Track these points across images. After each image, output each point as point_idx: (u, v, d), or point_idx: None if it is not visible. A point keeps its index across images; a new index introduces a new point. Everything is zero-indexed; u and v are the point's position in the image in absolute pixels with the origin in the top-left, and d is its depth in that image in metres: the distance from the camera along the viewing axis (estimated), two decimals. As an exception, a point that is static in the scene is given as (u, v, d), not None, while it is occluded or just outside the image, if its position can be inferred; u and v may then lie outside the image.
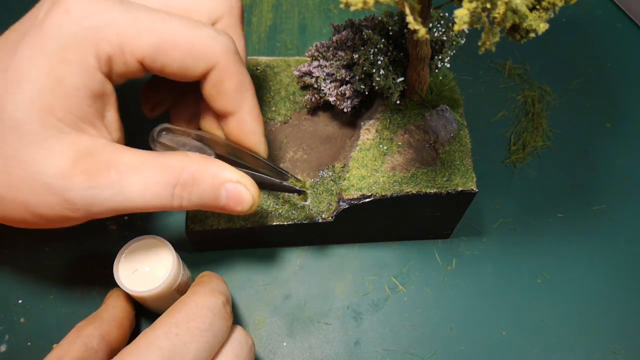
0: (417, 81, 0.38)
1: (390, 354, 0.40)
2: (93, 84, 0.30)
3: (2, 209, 0.30)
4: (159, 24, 0.30)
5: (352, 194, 0.38)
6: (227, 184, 0.33)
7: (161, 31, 0.30)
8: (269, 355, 0.40)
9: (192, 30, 0.31)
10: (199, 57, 0.31)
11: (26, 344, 0.39)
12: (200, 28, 0.31)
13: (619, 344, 0.41)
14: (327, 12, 0.58)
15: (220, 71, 0.32)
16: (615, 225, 0.46)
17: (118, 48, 0.30)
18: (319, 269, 0.43)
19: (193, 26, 0.31)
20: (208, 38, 0.31)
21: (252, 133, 0.35)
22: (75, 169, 0.29)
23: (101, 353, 0.33)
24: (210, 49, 0.31)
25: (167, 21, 0.30)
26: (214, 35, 0.31)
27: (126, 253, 0.37)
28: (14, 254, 0.43)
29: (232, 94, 0.33)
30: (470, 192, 0.38)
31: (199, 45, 0.31)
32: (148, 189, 0.30)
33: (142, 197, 0.30)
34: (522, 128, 0.51)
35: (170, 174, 0.31)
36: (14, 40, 0.30)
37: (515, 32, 0.26)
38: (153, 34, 0.30)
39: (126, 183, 0.30)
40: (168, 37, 0.30)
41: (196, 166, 0.32)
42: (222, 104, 0.34)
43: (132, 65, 0.31)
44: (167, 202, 0.31)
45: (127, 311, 0.37)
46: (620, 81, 0.54)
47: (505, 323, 0.42)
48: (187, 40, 0.31)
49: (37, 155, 0.29)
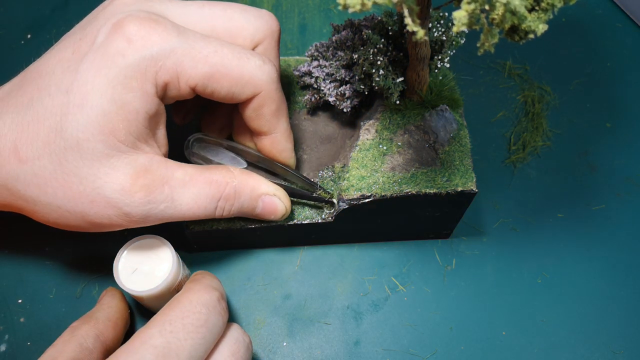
0: (417, 81, 0.38)
1: (390, 354, 0.40)
2: (151, 108, 0.32)
3: (59, 217, 0.33)
4: (213, 55, 0.32)
5: (352, 194, 0.38)
6: (264, 197, 0.37)
7: (214, 62, 0.33)
8: (269, 355, 0.40)
9: (242, 61, 0.33)
10: (246, 86, 0.34)
11: (26, 344, 0.40)
12: (249, 58, 0.34)
13: (619, 344, 0.41)
14: (327, 12, 0.58)
15: (263, 98, 0.35)
16: (615, 225, 0.46)
17: (175, 76, 0.32)
18: (319, 269, 0.43)
19: (242, 56, 0.33)
20: (255, 68, 0.34)
21: (284, 150, 0.38)
22: (135, 186, 0.32)
23: (96, 353, 0.33)
24: (256, 78, 0.34)
25: (220, 51, 0.33)
26: (260, 65, 0.34)
27: (126, 253, 0.37)
28: (14, 254, 0.43)
29: (269, 117, 0.36)
30: (470, 192, 0.38)
31: (247, 75, 0.33)
32: (197, 203, 0.34)
33: (190, 209, 0.34)
34: (522, 128, 0.51)
35: (216, 188, 0.35)
36: (73, 60, 0.32)
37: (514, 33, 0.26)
38: (207, 64, 0.32)
39: (178, 198, 0.34)
40: (220, 67, 0.33)
41: (238, 181, 0.36)
42: (259, 125, 0.37)
43: (184, 90, 0.33)
44: (211, 213, 0.35)
45: (122, 311, 0.37)
46: (620, 81, 0.54)
47: (505, 323, 0.42)
48: (237, 71, 0.33)
49: (99, 172, 0.32)
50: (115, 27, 0.31)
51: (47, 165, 0.32)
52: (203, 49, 0.32)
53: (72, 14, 0.57)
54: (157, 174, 0.33)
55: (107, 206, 0.32)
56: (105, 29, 0.31)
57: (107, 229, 0.34)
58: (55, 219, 0.34)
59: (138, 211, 0.33)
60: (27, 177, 0.32)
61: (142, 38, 0.31)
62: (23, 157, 0.32)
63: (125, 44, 0.31)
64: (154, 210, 0.33)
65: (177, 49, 0.32)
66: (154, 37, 0.31)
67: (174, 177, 0.34)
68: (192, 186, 0.34)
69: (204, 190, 0.34)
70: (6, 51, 0.53)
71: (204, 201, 0.34)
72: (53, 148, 0.31)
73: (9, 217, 0.44)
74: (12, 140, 0.32)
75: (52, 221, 0.34)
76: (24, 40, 0.54)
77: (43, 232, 0.44)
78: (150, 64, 0.31)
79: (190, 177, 0.34)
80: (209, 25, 0.35)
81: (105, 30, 0.31)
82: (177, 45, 0.32)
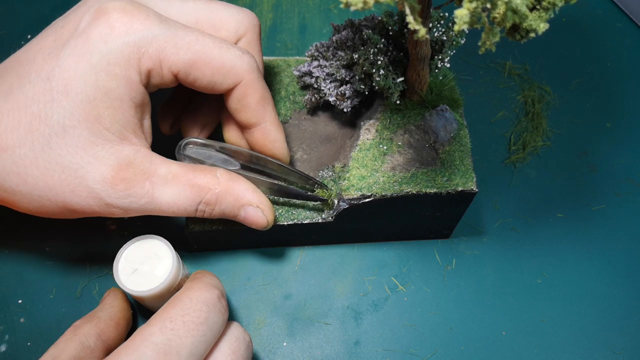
0: (417, 81, 0.38)
1: (390, 354, 0.40)
2: (136, 96, 0.32)
3: (40, 207, 0.33)
4: (194, 42, 0.33)
5: (352, 194, 0.38)
6: (247, 207, 0.36)
7: (196, 49, 0.33)
8: (269, 355, 0.40)
9: (223, 50, 0.34)
10: (227, 74, 0.34)
11: (26, 344, 0.39)
12: (229, 47, 0.34)
13: (619, 344, 0.41)
14: (327, 12, 0.58)
15: (244, 87, 0.35)
16: (615, 225, 0.46)
17: (158, 63, 0.32)
18: (319, 269, 0.43)
19: (223, 45, 0.34)
20: (235, 57, 0.34)
21: (276, 141, 0.38)
22: (117, 178, 0.32)
23: (98, 352, 0.33)
24: (237, 67, 0.34)
25: (201, 40, 0.33)
26: (240, 55, 0.34)
27: (126, 253, 0.37)
28: (14, 254, 0.43)
29: (254, 106, 0.36)
30: (470, 192, 0.38)
31: (228, 63, 0.34)
32: (176, 203, 0.34)
33: (169, 208, 0.34)
34: (522, 128, 0.51)
35: (197, 193, 0.35)
36: (53, 47, 0.32)
37: (515, 32, 0.26)
38: (189, 51, 0.33)
39: (158, 195, 0.34)
40: (202, 55, 0.33)
41: (222, 188, 0.35)
42: (246, 116, 0.37)
43: (167, 77, 0.33)
44: (191, 213, 0.35)
45: (124, 310, 0.37)
46: (620, 81, 0.54)
47: (505, 323, 0.42)
48: (218, 59, 0.34)
49: (82, 160, 0.31)
50: (98, 13, 0.31)
51: (28, 153, 0.31)
52: (185, 36, 0.33)
53: (72, 14, 0.57)
54: (140, 168, 0.33)
55: (89, 196, 0.32)
56: (88, 16, 0.31)
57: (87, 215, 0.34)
58: (36, 208, 0.33)
59: (118, 203, 0.33)
60: (7, 166, 0.32)
61: (124, 24, 0.31)
62: (3, 146, 0.31)
63: (107, 30, 0.31)
64: (134, 204, 0.33)
65: (159, 36, 0.32)
66: (136, 24, 0.31)
67: (156, 173, 0.34)
68: (173, 185, 0.34)
69: (185, 193, 0.34)
70: (6, 51, 0.53)
71: (183, 202, 0.34)
72: (36, 135, 0.31)
73: (9, 217, 0.44)
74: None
75: (32, 210, 0.34)
76: (24, 41, 0.54)
77: (43, 232, 0.44)
78: (133, 51, 0.31)
79: (173, 176, 0.34)
80: (193, 18, 0.36)
81: (88, 17, 0.31)
82: (159, 32, 0.32)
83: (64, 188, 0.32)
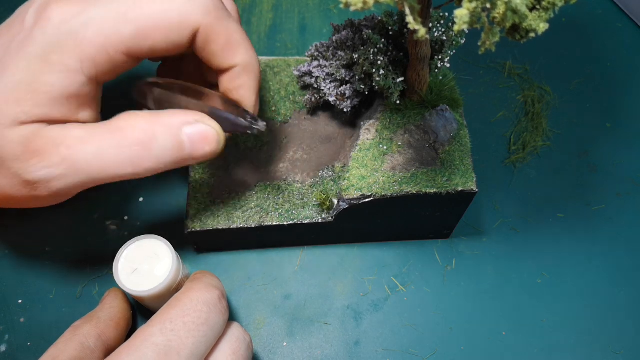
0: (417, 81, 0.38)
1: (390, 354, 0.40)
2: (71, 85, 0.30)
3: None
4: (131, 10, 0.30)
5: (352, 194, 0.38)
6: (185, 127, 0.32)
7: (136, 17, 0.30)
8: (269, 355, 0.40)
9: (165, 4, 0.30)
10: (180, 27, 0.30)
11: (26, 344, 0.39)
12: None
13: (619, 344, 0.41)
14: (327, 12, 0.58)
15: (204, 32, 0.31)
16: (615, 225, 0.46)
17: (101, 47, 0.30)
18: (319, 269, 0.43)
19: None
20: (182, 4, 0.30)
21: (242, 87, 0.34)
22: (27, 153, 0.30)
23: (97, 352, 0.33)
24: (187, 14, 0.30)
25: (139, 4, 0.30)
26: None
27: (126, 253, 0.37)
28: (14, 254, 0.43)
29: (221, 52, 0.32)
30: (470, 192, 0.38)
31: (175, 15, 0.30)
32: (102, 157, 0.30)
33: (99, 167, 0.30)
34: (522, 128, 0.51)
35: (121, 135, 0.30)
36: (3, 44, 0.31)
37: (515, 32, 0.26)
38: (129, 22, 0.30)
39: (79, 157, 0.30)
40: (144, 20, 0.30)
41: (146, 121, 0.31)
42: (215, 64, 0.33)
43: (119, 59, 0.31)
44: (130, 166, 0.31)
45: (125, 311, 0.37)
46: (620, 81, 0.54)
47: (505, 323, 0.42)
48: (163, 16, 0.30)
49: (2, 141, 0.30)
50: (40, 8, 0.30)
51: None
52: (120, 6, 0.30)
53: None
54: (49, 136, 0.30)
55: (11, 176, 0.31)
56: (32, 11, 0.31)
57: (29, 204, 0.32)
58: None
59: (38, 177, 0.30)
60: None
61: (60, 14, 0.30)
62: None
63: (45, 22, 0.30)
64: (53, 173, 0.30)
65: (95, 18, 0.29)
66: (72, 10, 0.30)
67: (70, 135, 0.30)
68: (93, 141, 0.30)
69: (107, 141, 0.30)
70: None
71: (110, 154, 0.30)
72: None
73: (9, 217, 0.44)
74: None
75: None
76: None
77: (43, 232, 0.44)
78: (69, 38, 0.29)
79: (89, 132, 0.30)
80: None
81: (32, 12, 0.31)
82: (94, 13, 0.30)
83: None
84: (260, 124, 0.33)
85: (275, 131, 0.43)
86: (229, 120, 0.33)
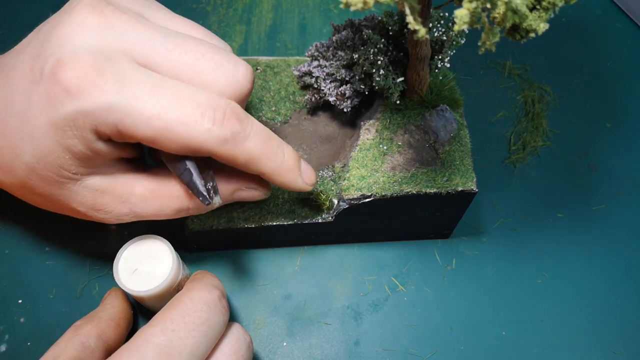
0: (417, 81, 0.38)
1: (390, 354, 0.40)
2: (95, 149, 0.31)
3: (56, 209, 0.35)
4: (155, 120, 0.29)
5: (352, 194, 0.38)
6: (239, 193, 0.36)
7: (157, 126, 0.30)
8: (269, 355, 0.40)
9: (189, 126, 0.30)
10: (196, 150, 0.31)
11: (26, 344, 0.39)
12: (196, 121, 0.30)
13: (619, 344, 0.41)
14: (327, 12, 0.58)
15: (222, 158, 0.32)
16: (615, 225, 0.46)
17: (116, 131, 0.30)
18: (319, 269, 0.43)
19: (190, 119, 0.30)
20: (203, 133, 0.30)
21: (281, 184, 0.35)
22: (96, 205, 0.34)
23: (98, 352, 0.33)
24: (206, 144, 0.30)
25: (164, 116, 0.29)
26: (209, 129, 0.30)
27: (126, 253, 0.37)
28: (14, 254, 0.43)
29: (244, 168, 0.33)
30: (470, 192, 0.38)
31: (194, 141, 0.30)
32: (163, 213, 0.35)
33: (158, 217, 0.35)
34: (522, 128, 0.51)
35: (179, 203, 0.35)
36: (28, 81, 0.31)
37: (515, 32, 0.26)
38: (149, 128, 0.30)
39: (141, 211, 0.35)
40: (164, 132, 0.30)
41: None
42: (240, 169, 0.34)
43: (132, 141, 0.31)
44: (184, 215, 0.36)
45: (125, 311, 0.37)
46: (620, 81, 0.54)
47: (505, 323, 0.42)
48: (183, 137, 0.30)
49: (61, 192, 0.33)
50: (57, 66, 0.29)
51: (14, 181, 0.33)
52: (145, 109, 0.29)
53: (72, 14, 0.57)
54: (115, 194, 0.34)
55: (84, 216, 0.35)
56: (51, 62, 0.29)
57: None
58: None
59: (109, 220, 0.35)
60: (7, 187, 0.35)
61: (79, 91, 0.28)
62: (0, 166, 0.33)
63: (62, 93, 0.29)
64: (122, 219, 0.35)
65: (116, 107, 0.29)
66: (92, 90, 0.28)
67: (133, 193, 0.34)
68: (153, 201, 0.34)
69: (167, 204, 0.35)
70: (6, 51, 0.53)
71: (168, 212, 0.35)
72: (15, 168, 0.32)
73: (9, 217, 0.44)
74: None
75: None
76: (23, 40, 0.54)
77: (43, 232, 0.44)
78: (86, 118, 0.29)
79: (150, 193, 0.34)
80: (174, 72, 0.31)
81: (51, 63, 0.29)
82: (116, 101, 0.29)
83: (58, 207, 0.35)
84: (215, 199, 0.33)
85: (275, 131, 0.43)
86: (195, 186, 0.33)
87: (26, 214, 0.43)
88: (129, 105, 0.29)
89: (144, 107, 0.29)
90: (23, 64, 0.31)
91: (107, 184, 0.33)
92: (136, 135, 0.30)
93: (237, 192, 0.36)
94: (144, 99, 0.29)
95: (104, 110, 0.29)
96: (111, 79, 0.29)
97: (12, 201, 0.38)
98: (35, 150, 0.31)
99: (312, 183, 0.36)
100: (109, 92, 0.29)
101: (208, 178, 0.33)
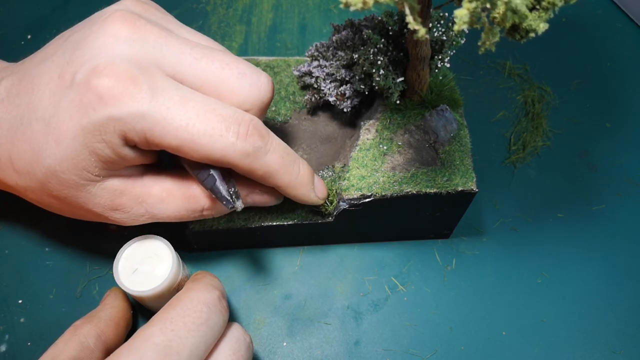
0: (417, 81, 0.38)
1: (390, 354, 0.40)
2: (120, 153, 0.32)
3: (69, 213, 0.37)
4: (182, 131, 0.31)
5: (352, 194, 0.38)
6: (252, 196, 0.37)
7: (184, 137, 0.31)
8: (269, 355, 0.40)
9: (214, 139, 0.31)
10: (218, 162, 0.33)
11: (26, 344, 0.39)
12: (222, 134, 0.32)
13: (619, 344, 0.41)
14: (327, 12, 0.58)
15: (242, 170, 0.33)
16: (615, 225, 0.46)
17: (143, 138, 0.31)
18: (319, 269, 0.43)
19: (215, 133, 0.31)
20: (226, 146, 0.32)
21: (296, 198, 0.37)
22: (114, 206, 0.35)
23: (97, 352, 0.33)
24: (228, 157, 0.32)
25: (191, 128, 0.31)
26: (233, 143, 0.32)
27: (126, 253, 0.37)
28: (14, 254, 0.43)
29: (261, 180, 0.35)
30: (470, 192, 0.38)
31: (217, 153, 0.32)
32: (178, 214, 0.36)
33: (174, 219, 0.36)
34: (522, 128, 0.51)
35: (195, 203, 0.36)
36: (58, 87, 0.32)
37: (515, 32, 0.26)
38: (176, 138, 0.31)
39: (157, 212, 0.35)
40: (189, 144, 0.31)
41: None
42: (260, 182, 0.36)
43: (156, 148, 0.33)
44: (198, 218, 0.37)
45: (125, 311, 0.37)
46: (620, 81, 0.54)
47: (505, 323, 0.42)
48: (207, 149, 0.32)
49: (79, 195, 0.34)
50: (92, 74, 0.30)
51: (32, 184, 0.34)
52: (174, 120, 0.31)
53: (72, 14, 0.57)
54: (133, 194, 0.35)
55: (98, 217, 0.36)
56: (86, 69, 0.30)
57: None
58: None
59: (125, 222, 0.36)
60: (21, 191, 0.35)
61: (113, 98, 0.30)
62: (17, 169, 0.34)
63: (96, 99, 0.30)
64: (138, 220, 0.36)
65: (147, 117, 0.30)
66: (126, 98, 0.30)
67: (150, 194, 0.35)
68: (170, 202, 0.35)
69: (183, 205, 0.35)
70: (6, 51, 0.53)
71: (184, 213, 0.36)
72: (35, 171, 0.33)
73: (9, 217, 0.44)
74: (7, 150, 0.33)
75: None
76: (24, 41, 0.54)
77: (43, 232, 0.44)
78: (117, 124, 0.30)
79: (167, 194, 0.35)
80: (200, 81, 0.33)
81: (85, 70, 0.30)
82: (147, 111, 0.30)
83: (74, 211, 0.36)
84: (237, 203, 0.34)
85: (275, 131, 0.43)
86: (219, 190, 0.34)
87: (26, 214, 0.43)
88: (159, 115, 0.30)
89: (173, 117, 0.31)
90: (50, 70, 0.32)
91: (125, 185, 0.34)
92: (163, 143, 0.31)
93: (251, 195, 0.37)
94: (174, 110, 0.31)
95: (135, 118, 0.30)
96: (144, 88, 0.30)
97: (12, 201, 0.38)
98: (60, 154, 0.31)
99: (324, 197, 0.38)
100: (142, 101, 0.30)
101: (230, 184, 0.34)
